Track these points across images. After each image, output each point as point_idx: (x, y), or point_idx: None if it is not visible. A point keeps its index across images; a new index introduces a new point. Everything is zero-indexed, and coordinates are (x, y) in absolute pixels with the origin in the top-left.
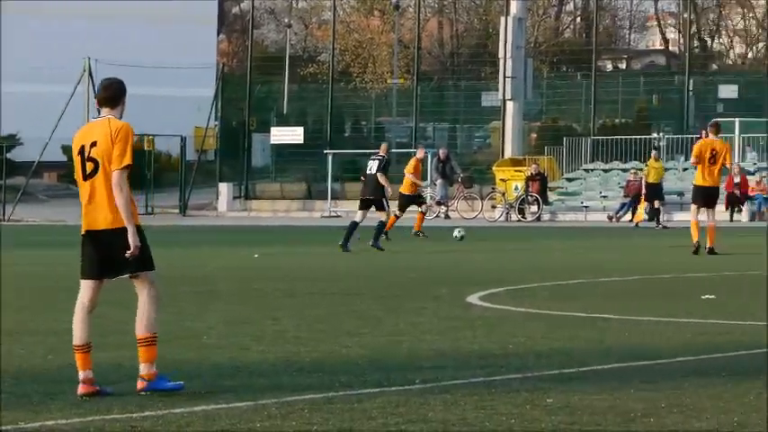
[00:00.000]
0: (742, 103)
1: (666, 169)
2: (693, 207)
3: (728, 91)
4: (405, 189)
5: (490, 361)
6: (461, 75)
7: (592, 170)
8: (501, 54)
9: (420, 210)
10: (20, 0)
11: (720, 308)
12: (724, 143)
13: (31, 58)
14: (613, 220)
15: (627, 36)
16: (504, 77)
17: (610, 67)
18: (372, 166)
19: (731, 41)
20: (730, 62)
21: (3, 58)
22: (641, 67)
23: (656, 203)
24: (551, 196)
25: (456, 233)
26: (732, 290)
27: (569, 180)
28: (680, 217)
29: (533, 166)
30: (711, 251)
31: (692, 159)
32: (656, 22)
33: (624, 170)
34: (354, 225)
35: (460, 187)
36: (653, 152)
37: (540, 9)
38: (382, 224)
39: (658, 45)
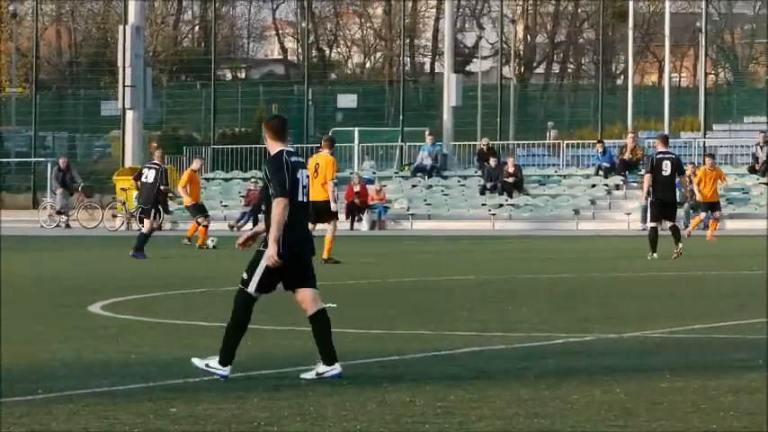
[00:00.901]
0: (361, 112)
1: None
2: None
3: (348, 100)
4: (188, 201)
5: (113, 370)
6: (81, 83)
7: (212, 179)
8: (120, 63)
9: (202, 222)
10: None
11: (342, 316)
12: (327, 158)
13: None
14: (234, 228)
15: (246, 45)
16: (124, 86)
17: (229, 76)
18: (149, 176)
19: (349, 51)
20: (349, 72)
21: None
22: (260, 76)
23: None
24: (172, 205)
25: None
26: (353, 298)
27: None
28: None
29: None
30: (328, 261)
31: None
32: (274, 32)
33: (245, 179)
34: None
35: (81, 196)
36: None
37: (159, 18)
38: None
39: (277, 54)
